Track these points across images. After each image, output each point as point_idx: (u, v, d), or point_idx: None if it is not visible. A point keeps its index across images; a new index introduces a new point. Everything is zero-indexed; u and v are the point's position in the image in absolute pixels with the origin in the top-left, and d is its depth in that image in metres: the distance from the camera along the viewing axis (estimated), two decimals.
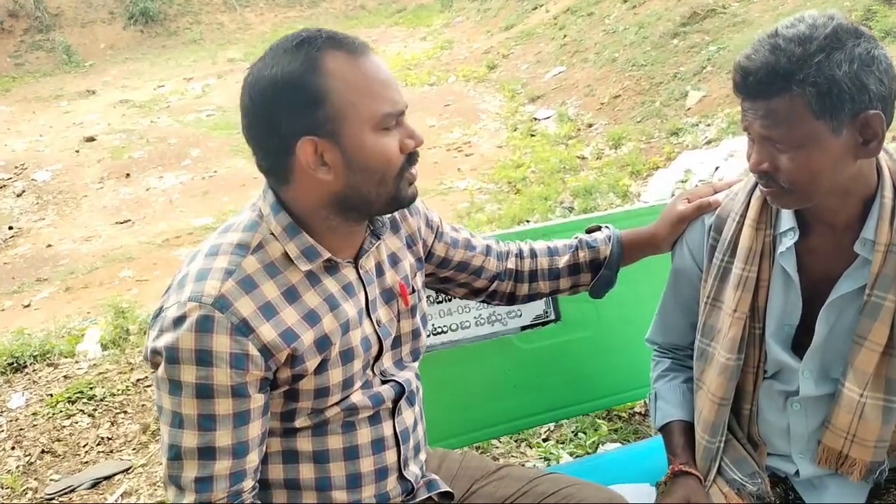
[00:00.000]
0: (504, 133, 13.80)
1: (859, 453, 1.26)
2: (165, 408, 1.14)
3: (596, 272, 1.48)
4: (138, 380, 3.29)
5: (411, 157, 1.20)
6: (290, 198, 1.19)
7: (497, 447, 2.39)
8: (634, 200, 9.95)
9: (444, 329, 1.61)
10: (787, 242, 1.25)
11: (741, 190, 1.35)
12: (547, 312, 1.71)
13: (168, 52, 23.01)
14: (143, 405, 3.05)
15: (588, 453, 2.35)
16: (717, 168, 10.46)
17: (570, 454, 2.37)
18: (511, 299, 1.54)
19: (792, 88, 1.08)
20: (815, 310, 1.27)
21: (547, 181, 9.84)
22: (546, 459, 2.32)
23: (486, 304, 1.67)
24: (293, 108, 1.11)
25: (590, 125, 13.51)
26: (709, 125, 12.03)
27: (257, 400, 1.14)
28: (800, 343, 1.30)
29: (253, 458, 1.14)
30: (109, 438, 3.08)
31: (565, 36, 18.18)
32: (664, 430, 1.45)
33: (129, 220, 10.30)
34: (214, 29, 25.27)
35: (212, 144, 13.99)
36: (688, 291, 1.42)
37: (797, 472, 1.35)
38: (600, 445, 2.38)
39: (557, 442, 2.42)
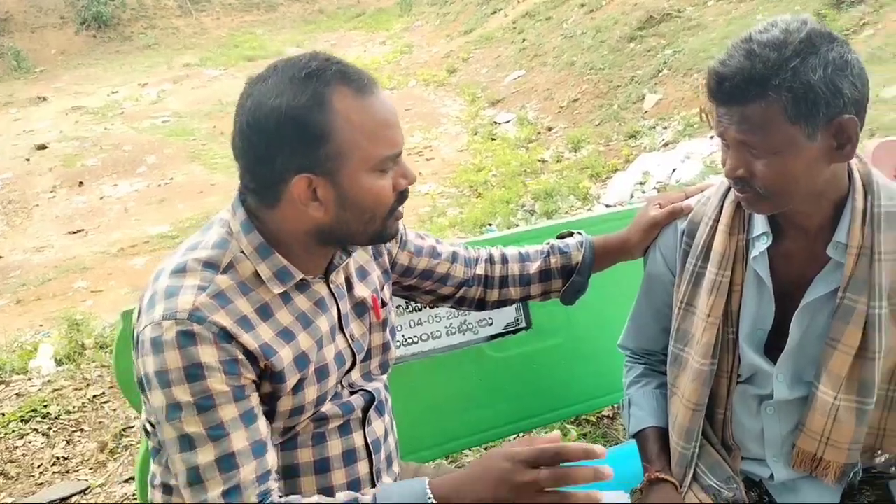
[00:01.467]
0: (465, 137, 13.83)
1: (833, 455, 1.26)
2: (169, 437, 1.07)
3: (567, 278, 1.46)
4: (95, 396, 3.19)
5: (402, 195, 1.16)
6: (269, 219, 1.14)
7: (468, 456, 2.36)
8: (595, 203, 10.03)
9: (415, 339, 1.58)
10: (761, 247, 1.25)
11: (713, 195, 1.34)
12: (518, 320, 1.68)
13: (122, 58, 22.55)
14: (100, 422, 2.96)
15: None
16: (674, 170, 10.60)
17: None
18: (480, 305, 1.51)
19: (768, 94, 1.07)
20: (788, 313, 1.27)
21: (508, 184, 9.88)
22: None
23: (456, 314, 1.64)
24: (294, 144, 1.07)
25: (549, 128, 13.61)
26: (665, 128, 12.19)
27: (255, 399, 1.10)
28: (772, 347, 1.30)
29: (272, 455, 1.09)
30: (65, 458, 2.98)
31: (524, 40, 18.30)
32: (638, 436, 1.44)
33: (83, 230, 10.05)
34: (170, 34, 24.87)
35: (168, 151, 13.75)
36: (661, 297, 1.41)
37: (771, 476, 1.35)
38: None
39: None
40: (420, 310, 1.61)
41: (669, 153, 10.94)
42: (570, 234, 1.51)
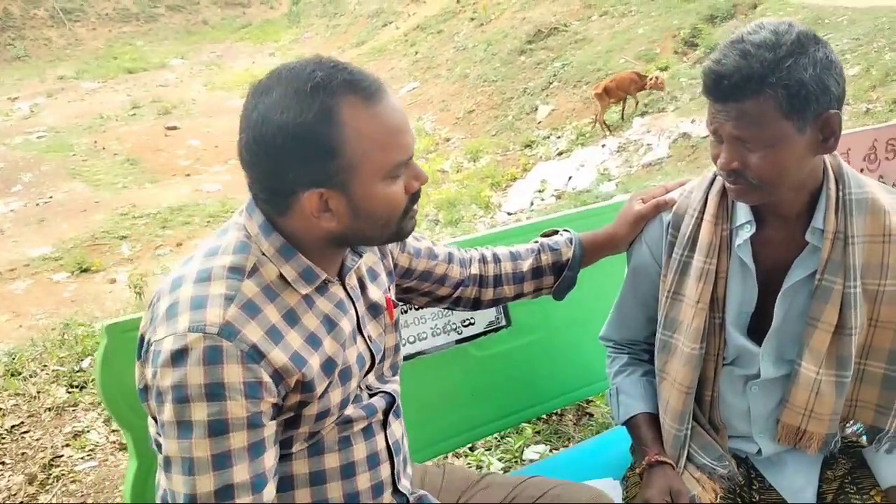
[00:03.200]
0: None
1: (816, 427, 1.36)
2: (173, 455, 1.02)
3: (557, 275, 1.50)
4: (13, 426, 2.95)
5: (415, 196, 1.15)
6: (283, 225, 1.11)
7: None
8: (496, 211, 10.23)
9: (402, 342, 1.57)
10: (745, 235, 1.32)
11: (696, 188, 1.42)
12: (498, 318, 1.71)
13: None
14: (22, 453, 2.74)
15: (516, 458, 2.38)
16: (570, 178, 10.98)
17: (500, 460, 2.39)
18: (476, 305, 1.53)
19: (764, 91, 1.14)
20: (770, 296, 1.36)
21: None
22: (479, 468, 2.32)
23: (441, 315, 1.65)
24: (303, 161, 1.03)
25: (447, 139, 13.78)
26: (559, 137, 12.62)
27: (270, 428, 1.05)
28: (755, 329, 1.39)
29: (271, 490, 1.05)
30: None
31: (417, 53, 18.48)
32: (630, 423, 1.49)
33: None
34: (41, 45, 23.47)
35: (45, 168, 12.97)
36: (647, 287, 1.47)
37: (759, 451, 1.44)
38: (525, 448, 2.42)
39: (485, 449, 2.43)
40: (406, 312, 1.61)
41: (565, 161, 11.33)
42: (555, 233, 1.55)
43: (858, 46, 9.45)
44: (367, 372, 1.23)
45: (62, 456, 2.66)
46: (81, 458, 2.68)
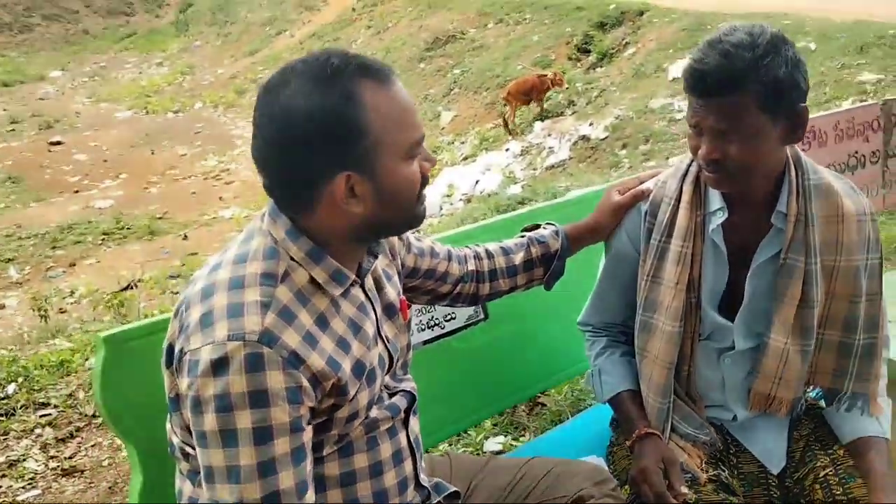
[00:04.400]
0: None
1: (784, 393, 1.49)
2: (216, 465, 1.01)
3: (546, 266, 1.57)
4: None
5: (425, 179, 1.19)
6: (308, 225, 1.11)
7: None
8: None
9: None
10: (718, 220, 1.44)
11: (670, 177, 1.53)
12: (477, 312, 1.77)
13: None
14: None
15: (477, 451, 2.45)
16: (477, 182, 11.19)
17: (462, 453, 2.44)
18: (474, 300, 1.58)
19: (746, 87, 1.26)
20: (739, 276, 1.48)
21: None
22: None
23: (424, 311, 1.69)
24: (332, 144, 1.05)
25: None
26: (463, 143, 12.83)
27: (308, 432, 1.06)
28: (726, 306, 1.51)
29: (311, 494, 1.05)
30: None
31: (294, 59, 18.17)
32: (614, 401, 1.58)
33: None
34: None
35: None
36: (626, 273, 1.57)
37: (734, 417, 1.56)
38: (486, 439, 2.48)
39: (448, 444, 2.47)
40: None
41: (471, 166, 11.53)
42: (536, 227, 1.62)
43: None
44: (386, 372, 1.26)
45: (0, 487, 2.52)
46: (22, 488, 2.55)
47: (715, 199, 1.45)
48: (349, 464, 1.19)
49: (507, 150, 11.18)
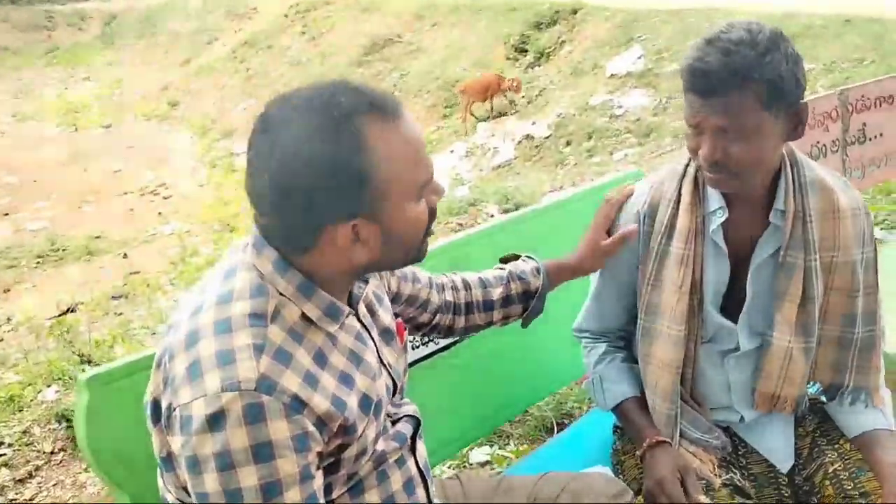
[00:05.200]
0: (203, 171, 13.19)
1: (789, 391, 1.47)
2: None
3: (524, 303, 1.52)
4: None
5: (433, 213, 1.12)
6: (300, 262, 1.03)
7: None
8: None
9: None
10: (718, 220, 1.42)
11: (667, 179, 1.50)
12: None
13: None
14: None
15: (463, 463, 2.39)
16: None
17: (449, 467, 2.38)
18: (449, 332, 1.51)
19: (748, 85, 1.24)
20: (739, 275, 1.47)
21: None
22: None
23: (423, 336, 1.63)
24: (336, 192, 0.98)
25: None
26: None
27: (319, 478, 0.97)
28: (726, 307, 1.49)
29: None
30: None
31: (248, 69, 17.92)
32: (619, 408, 1.55)
33: None
34: None
35: None
36: (624, 278, 1.53)
37: (741, 419, 1.55)
38: (470, 450, 2.43)
39: (432, 463, 2.40)
40: None
41: None
42: (516, 257, 1.56)
43: (672, 45, 10.30)
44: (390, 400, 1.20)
45: None
46: None
47: (714, 199, 1.43)
48: (361, 502, 1.12)
49: (451, 151, 11.17)
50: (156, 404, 1.03)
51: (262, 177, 0.99)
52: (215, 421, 0.93)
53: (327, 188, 0.98)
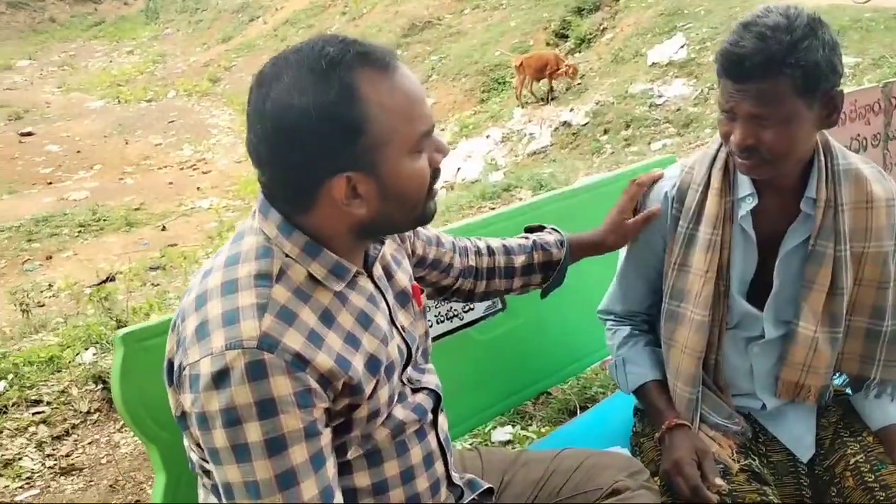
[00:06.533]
0: (241, 147, 13.32)
1: (814, 381, 1.47)
2: (234, 481, 0.97)
3: (544, 273, 1.53)
4: None
5: (436, 172, 1.12)
6: (305, 223, 1.05)
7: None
8: None
9: None
10: (747, 206, 1.42)
11: (697, 163, 1.50)
12: (495, 303, 1.73)
13: None
14: None
15: (485, 441, 2.42)
16: (458, 169, 11.16)
17: (470, 444, 2.41)
18: (469, 297, 1.52)
19: (783, 71, 1.23)
20: (767, 263, 1.46)
21: None
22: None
23: (443, 302, 1.65)
24: (329, 144, 0.98)
25: None
26: (443, 129, 12.76)
27: (326, 436, 1.02)
28: (754, 294, 1.49)
29: (339, 497, 1.01)
30: None
31: (288, 47, 17.98)
32: (640, 391, 1.56)
33: None
34: None
35: None
36: (651, 261, 1.54)
37: (763, 406, 1.55)
38: (493, 429, 2.46)
39: (453, 437, 2.44)
40: None
41: (452, 153, 11.51)
42: (541, 229, 1.57)
43: (717, 35, 10.12)
44: (406, 364, 1.21)
45: None
46: (20, 488, 2.48)
47: (744, 185, 1.42)
48: (380, 473, 1.15)
49: (487, 136, 11.14)
50: (171, 365, 1.06)
51: (255, 133, 1.00)
52: (220, 378, 0.95)
53: (320, 139, 0.98)
